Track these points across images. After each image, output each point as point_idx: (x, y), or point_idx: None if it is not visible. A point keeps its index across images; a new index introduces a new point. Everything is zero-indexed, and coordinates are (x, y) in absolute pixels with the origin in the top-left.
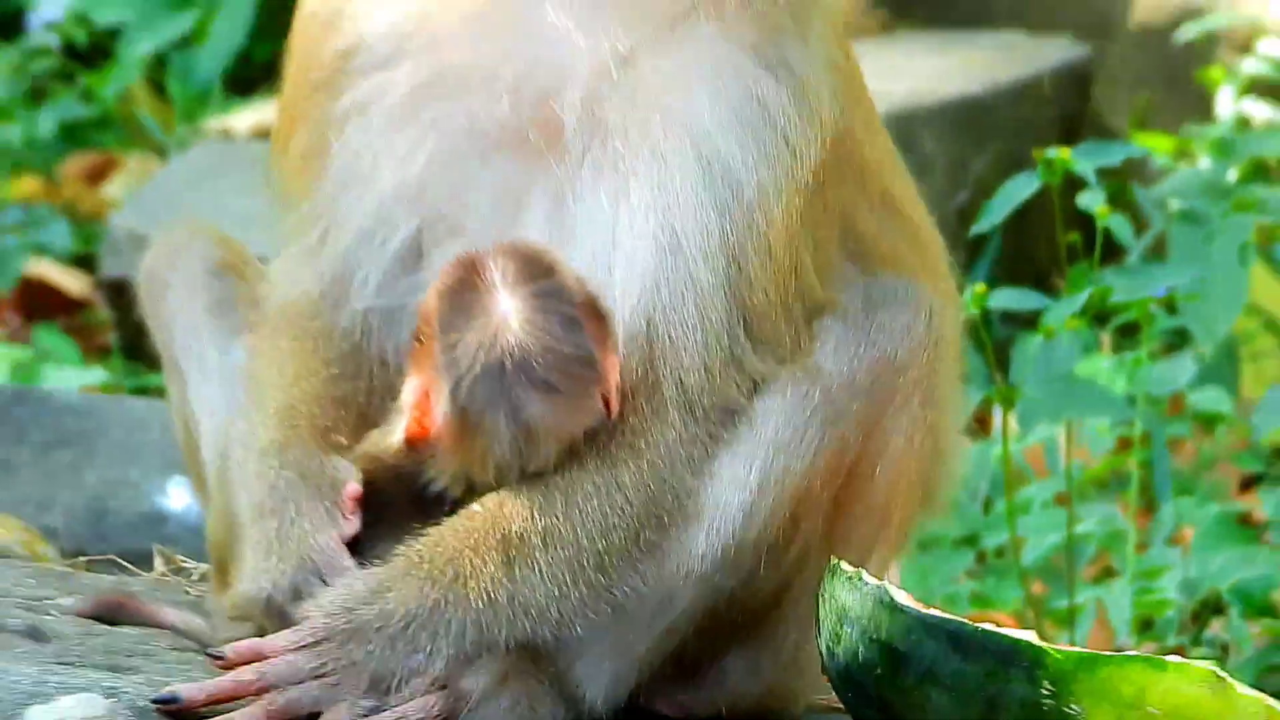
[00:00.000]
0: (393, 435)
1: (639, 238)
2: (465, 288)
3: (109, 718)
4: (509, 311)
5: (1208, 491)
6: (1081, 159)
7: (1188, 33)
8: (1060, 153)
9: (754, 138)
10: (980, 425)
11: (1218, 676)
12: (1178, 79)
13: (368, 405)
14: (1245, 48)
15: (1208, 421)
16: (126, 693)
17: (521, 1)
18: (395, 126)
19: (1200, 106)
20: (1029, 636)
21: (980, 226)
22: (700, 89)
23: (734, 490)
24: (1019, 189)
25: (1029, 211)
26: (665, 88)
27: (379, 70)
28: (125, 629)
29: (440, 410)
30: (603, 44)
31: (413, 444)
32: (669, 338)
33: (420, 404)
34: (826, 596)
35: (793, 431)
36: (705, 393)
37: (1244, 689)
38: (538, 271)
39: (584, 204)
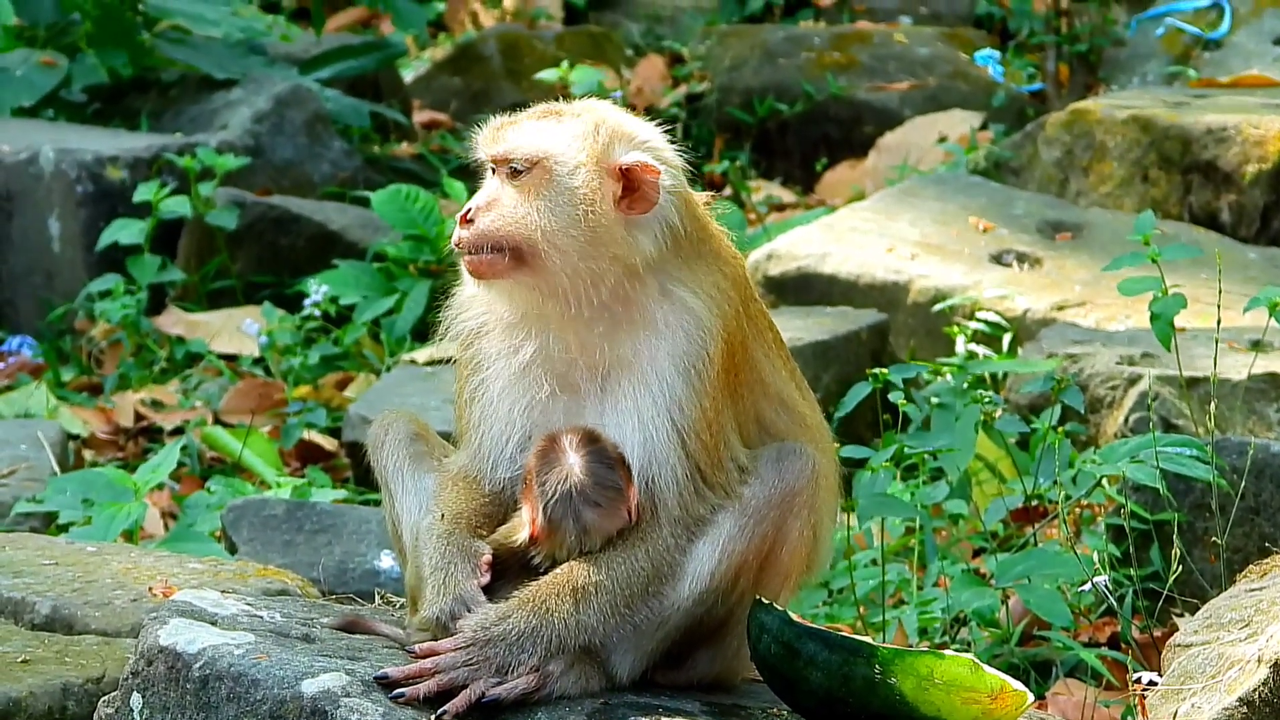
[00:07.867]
0: (512, 532)
1: (632, 432)
2: (549, 451)
3: (349, 686)
4: (574, 463)
5: (955, 557)
6: (891, 374)
7: (939, 307)
8: (881, 372)
9: (686, 378)
10: None
11: (974, 662)
12: (934, 331)
13: (499, 516)
14: (970, 315)
15: (954, 519)
16: (359, 672)
17: (555, 336)
18: (500, 393)
19: (947, 348)
20: (865, 638)
21: (840, 413)
22: (659, 357)
23: (704, 562)
24: (860, 391)
25: (860, 403)
26: (641, 363)
27: (489, 367)
28: (358, 637)
29: (538, 518)
30: (609, 347)
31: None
32: (656, 482)
33: (528, 515)
34: (753, 617)
35: (737, 530)
36: (681, 511)
37: (988, 669)
38: (590, 440)
39: (608, 416)
